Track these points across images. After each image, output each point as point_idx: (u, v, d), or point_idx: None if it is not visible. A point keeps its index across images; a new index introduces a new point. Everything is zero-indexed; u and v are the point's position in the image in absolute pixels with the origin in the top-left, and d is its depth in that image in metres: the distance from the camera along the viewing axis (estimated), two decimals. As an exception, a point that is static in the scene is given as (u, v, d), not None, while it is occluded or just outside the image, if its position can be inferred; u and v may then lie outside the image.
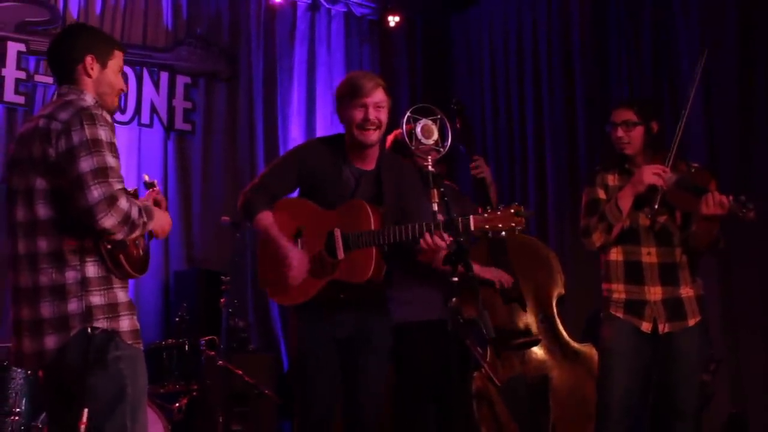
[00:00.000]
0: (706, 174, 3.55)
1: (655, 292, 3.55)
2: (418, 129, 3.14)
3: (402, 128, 3.17)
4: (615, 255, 3.63)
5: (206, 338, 5.00)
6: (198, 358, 4.89)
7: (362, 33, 7.27)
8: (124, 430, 2.65)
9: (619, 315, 3.59)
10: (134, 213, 2.63)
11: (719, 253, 4.14)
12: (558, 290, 4.37)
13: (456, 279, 3.00)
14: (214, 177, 6.45)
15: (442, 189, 3.09)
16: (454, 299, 2.98)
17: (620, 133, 3.62)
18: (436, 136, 3.15)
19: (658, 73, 5.81)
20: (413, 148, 3.13)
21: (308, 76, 6.87)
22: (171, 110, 6.32)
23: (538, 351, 4.28)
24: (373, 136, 3.34)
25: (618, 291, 3.62)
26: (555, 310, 4.33)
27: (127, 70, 6.12)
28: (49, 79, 5.88)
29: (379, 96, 3.33)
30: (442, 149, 3.16)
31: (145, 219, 2.68)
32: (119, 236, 2.62)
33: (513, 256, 4.26)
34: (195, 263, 6.21)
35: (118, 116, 6.05)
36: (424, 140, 3.14)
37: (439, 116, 3.17)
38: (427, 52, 7.52)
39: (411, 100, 7.30)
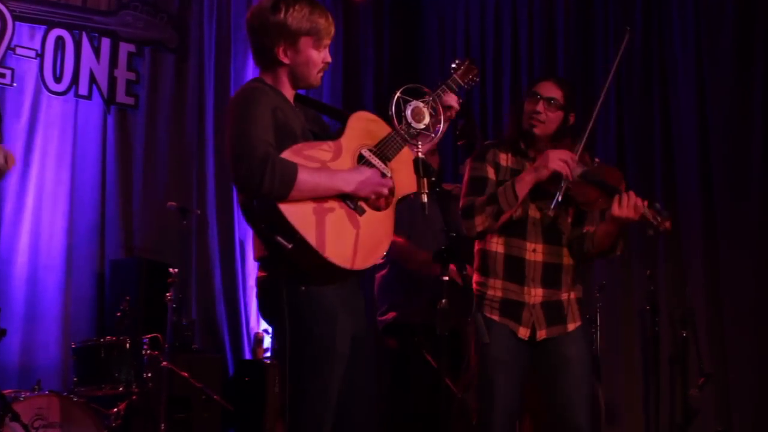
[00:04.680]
0: (616, 172, 3.43)
1: (535, 294, 3.40)
2: (408, 112, 3.09)
3: (390, 111, 3.11)
4: (495, 245, 3.46)
5: (149, 336, 4.94)
6: (140, 358, 4.81)
7: (324, 3, 7.19)
8: None
9: (495, 318, 3.41)
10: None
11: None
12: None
13: (447, 278, 2.98)
14: (158, 157, 6.32)
15: (433, 179, 3.05)
16: (443, 300, 2.95)
17: (540, 107, 3.44)
18: (427, 119, 3.11)
19: (648, 59, 5.87)
20: (403, 132, 3.08)
21: (265, 50, 6.76)
22: (112, 81, 6.17)
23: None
24: None
25: (494, 287, 3.44)
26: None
27: (64, 34, 5.99)
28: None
29: None
30: (433, 134, 3.12)
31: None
32: None
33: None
34: (134, 252, 6.10)
35: (52, 86, 5.93)
36: (414, 124, 3.09)
37: (431, 98, 3.13)
38: (395, 28, 7.49)
39: (376, 79, 7.30)
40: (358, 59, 7.30)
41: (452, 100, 3.21)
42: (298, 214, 2.75)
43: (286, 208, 2.74)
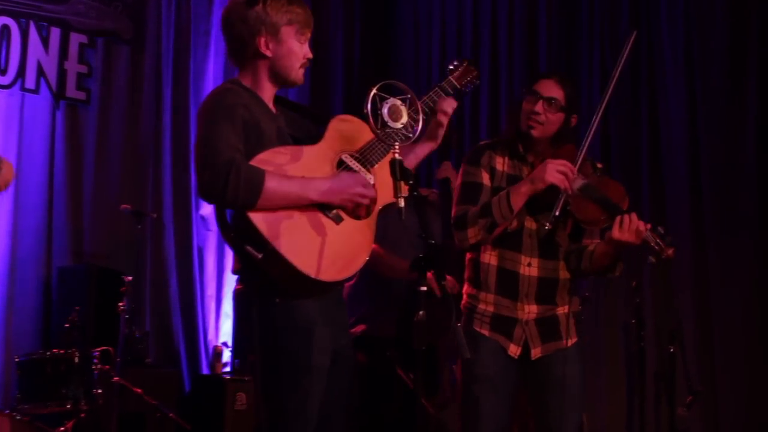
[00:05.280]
0: (619, 187, 3.38)
1: (529, 311, 3.38)
2: (385, 110, 3.06)
3: (366, 109, 3.08)
4: (488, 257, 3.42)
5: (100, 349, 4.89)
6: (90, 373, 4.75)
7: (291, -6, 7.19)
8: None
9: (485, 333, 3.38)
10: None
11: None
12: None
13: (424, 288, 2.94)
14: (111, 156, 6.28)
15: (411, 182, 3.02)
16: (421, 312, 2.91)
17: (540, 107, 3.36)
18: (405, 118, 3.08)
19: (635, 64, 5.90)
20: (379, 132, 3.05)
21: (228, 43, 6.73)
22: (62, 74, 6.11)
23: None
24: None
25: (486, 301, 3.41)
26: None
27: (10, 22, 5.91)
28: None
29: None
30: (411, 134, 3.10)
31: None
32: None
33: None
34: (83, 258, 6.04)
35: (-4, 78, 5.86)
36: (391, 123, 3.06)
37: (409, 95, 3.11)
38: (366, 20, 7.51)
39: (346, 75, 7.33)
40: (327, 53, 7.28)
41: (448, 105, 3.17)
42: (268, 222, 2.73)
43: (255, 216, 2.73)
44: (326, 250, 2.80)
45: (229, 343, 6.35)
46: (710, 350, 5.36)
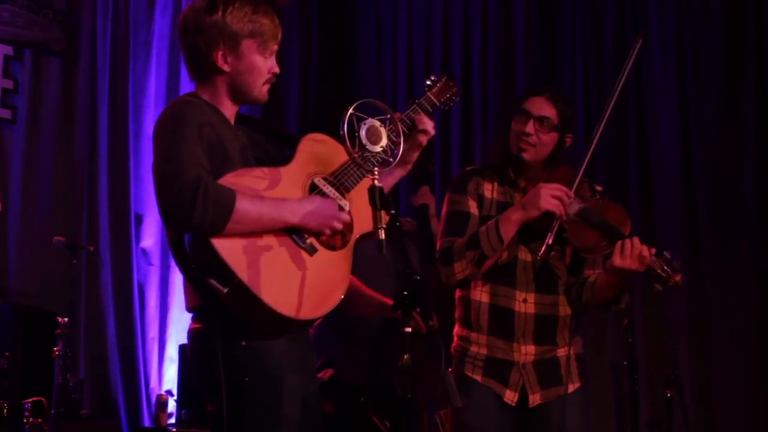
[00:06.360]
0: (620, 210, 3.38)
1: (526, 353, 3.37)
2: (363, 132, 3.08)
3: (342, 130, 3.10)
4: (479, 294, 3.41)
5: (31, 400, 4.88)
6: (20, 427, 4.74)
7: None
8: None
9: (477, 378, 3.37)
10: None
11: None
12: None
13: (409, 330, 2.95)
14: (40, 182, 6.26)
15: (392, 211, 3.04)
16: (406, 356, 2.92)
17: (530, 128, 3.38)
18: (385, 141, 3.11)
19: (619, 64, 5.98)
20: (356, 156, 3.07)
21: (171, 55, 6.76)
22: (-16, 90, 6.09)
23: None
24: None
25: (478, 343, 3.41)
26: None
27: (-76, 32, 5.89)
28: None
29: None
30: (391, 158, 3.12)
31: None
32: None
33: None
34: (9, 297, 5.98)
35: None
36: (370, 146, 3.08)
37: (389, 116, 3.13)
38: (325, 29, 7.57)
39: (302, 90, 7.36)
40: (281, 64, 7.28)
41: (428, 124, 3.20)
42: (235, 251, 2.71)
43: (220, 245, 2.70)
44: (300, 285, 2.78)
45: (174, 392, 6.29)
46: (708, 394, 5.40)
